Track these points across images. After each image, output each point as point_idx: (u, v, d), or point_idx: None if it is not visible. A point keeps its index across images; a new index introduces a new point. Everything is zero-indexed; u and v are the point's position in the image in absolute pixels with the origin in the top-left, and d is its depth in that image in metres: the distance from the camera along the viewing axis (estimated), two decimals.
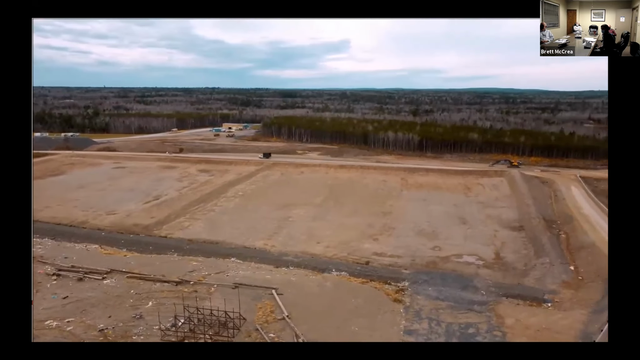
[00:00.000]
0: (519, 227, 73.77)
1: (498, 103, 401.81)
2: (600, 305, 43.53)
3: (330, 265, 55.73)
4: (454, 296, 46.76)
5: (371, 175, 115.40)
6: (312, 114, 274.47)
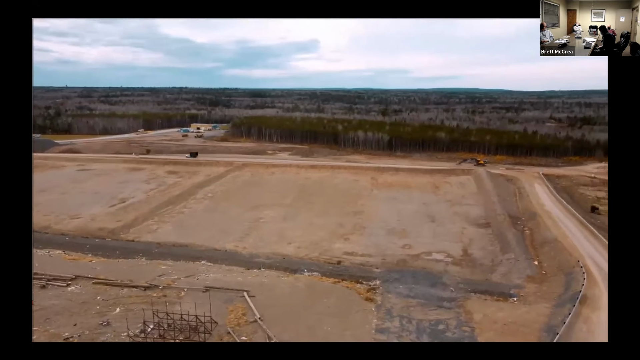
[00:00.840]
0: (485, 224, 75.68)
1: (464, 103, 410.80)
2: (563, 299, 45.19)
3: (301, 265, 55.71)
4: (424, 293, 47.56)
5: (342, 174, 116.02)
6: (282, 114, 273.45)
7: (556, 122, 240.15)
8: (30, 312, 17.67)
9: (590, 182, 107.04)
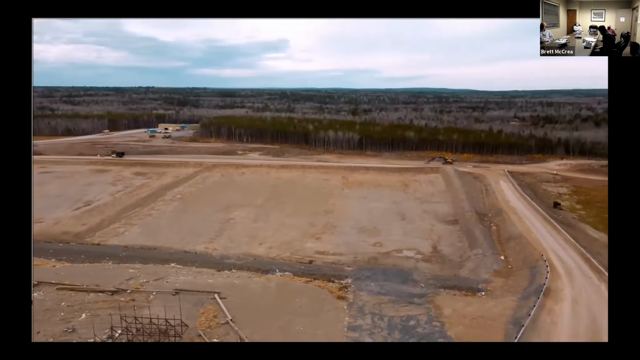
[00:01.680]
0: (453, 220, 77.28)
1: (432, 102, 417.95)
2: (528, 292, 46.64)
3: (273, 266, 55.48)
4: (395, 290, 48.15)
5: (312, 174, 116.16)
6: (252, 114, 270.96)
7: (520, 121, 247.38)
8: (30, 312, 17.70)
9: (553, 178, 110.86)
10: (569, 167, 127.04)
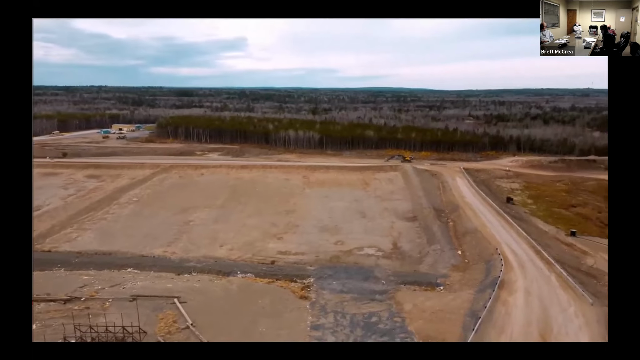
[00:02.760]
0: (413, 217, 78.94)
1: (390, 102, 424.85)
2: (484, 284, 48.32)
3: (235, 267, 54.81)
4: (357, 288, 48.68)
5: (273, 174, 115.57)
6: (210, 114, 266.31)
7: (474, 120, 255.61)
8: (30, 312, 17.86)
9: (505, 174, 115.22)
10: (520, 163, 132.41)
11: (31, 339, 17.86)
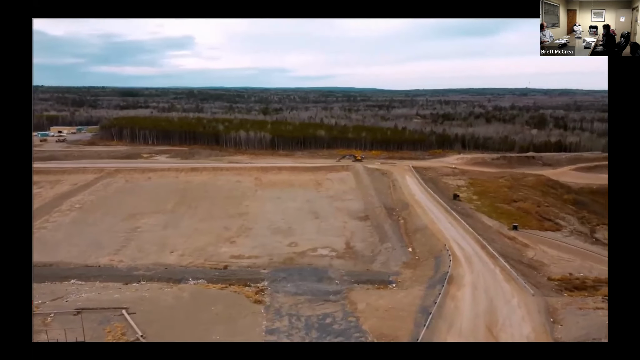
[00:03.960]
0: (365, 216, 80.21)
1: (341, 101, 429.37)
2: (433, 280, 49.86)
3: (186, 274, 53.41)
4: (311, 289, 48.81)
5: (225, 176, 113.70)
6: (157, 114, 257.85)
7: (422, 119, 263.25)
8: (31, 312, 17.81)
9: (452, 172, 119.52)
10: (466, 160, 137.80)
11: (31, 339, 17.88)
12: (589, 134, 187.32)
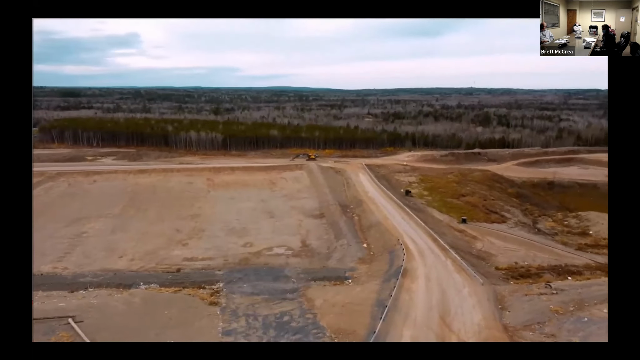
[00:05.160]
0: (320, 214, 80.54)
1: (293, 101, 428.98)
2: (388, 274, 50.81)
3: (137, 279, 51.46)
4: (268, 288, 48.40)
5: (175, 177, 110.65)
6: (102, 115, 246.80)
7: (373, 117, 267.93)
8: (31, 312, 17.97)
9: (403, 169, 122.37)
10: (416, 158, 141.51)
11: (31, 339, 17.89)
12: (529, 130, 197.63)
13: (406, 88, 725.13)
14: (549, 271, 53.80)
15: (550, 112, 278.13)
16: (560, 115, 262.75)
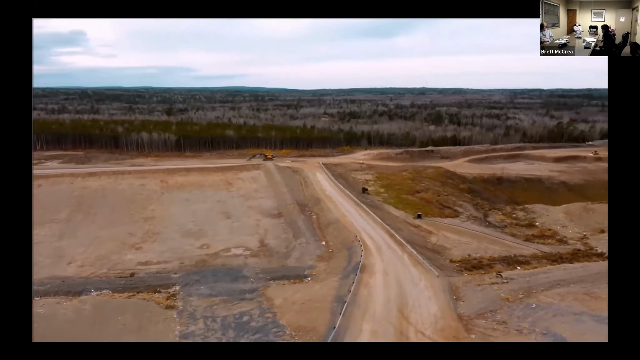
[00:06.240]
0: (278, 214, 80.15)
1: (249, 101, 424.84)
2: (347, 270, 51.30)
3: (87, 285, 49.31)
4: (226, 290, 47.68)
5: (127, 180, 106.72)
6: (46, 117, 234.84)
7: (329, 117, 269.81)
8: (31, 312, 18.01)
9: (360, 167, 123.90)
10: (372, 156, 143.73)
11: (31, 339, 17.81)
12: (479, 128, 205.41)
13: (361, 88, 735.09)
14: (500, 262, 56.12)
15: (498, 111, 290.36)
16: (507, 113, 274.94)
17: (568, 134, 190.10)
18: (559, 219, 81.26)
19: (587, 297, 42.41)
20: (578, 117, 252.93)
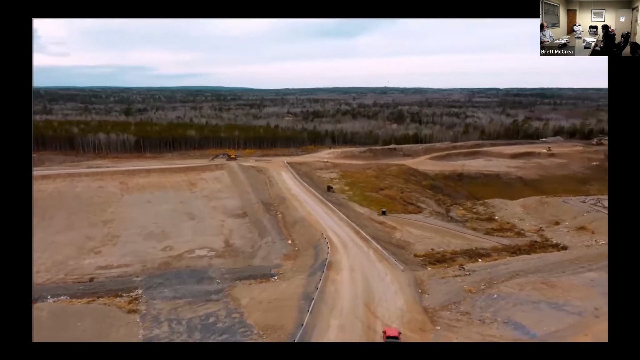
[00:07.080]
0: (242, 213, 79.28)
1: (211, 100, 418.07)
2: (314, 268, 51.34)
3: (44, 292, 47.04)
4: (191, 291, 46.69)
5: (83, 182, 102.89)
6: None
7: (293, 116, 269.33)
8: (30, 312, 18.36)
9: (324, 165, 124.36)
10: (336, 154, 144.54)
11: (31, 339, 17.92)
12: (439, 127, 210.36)
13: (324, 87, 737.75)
14: (462, 255, 57.65)
15: (457, 110, 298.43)
16: (466, 112, 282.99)
17: (523, 131, 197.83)
18: (517, 213, 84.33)
19: (544, 286, 44.19)
20: (532, 115, 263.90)
